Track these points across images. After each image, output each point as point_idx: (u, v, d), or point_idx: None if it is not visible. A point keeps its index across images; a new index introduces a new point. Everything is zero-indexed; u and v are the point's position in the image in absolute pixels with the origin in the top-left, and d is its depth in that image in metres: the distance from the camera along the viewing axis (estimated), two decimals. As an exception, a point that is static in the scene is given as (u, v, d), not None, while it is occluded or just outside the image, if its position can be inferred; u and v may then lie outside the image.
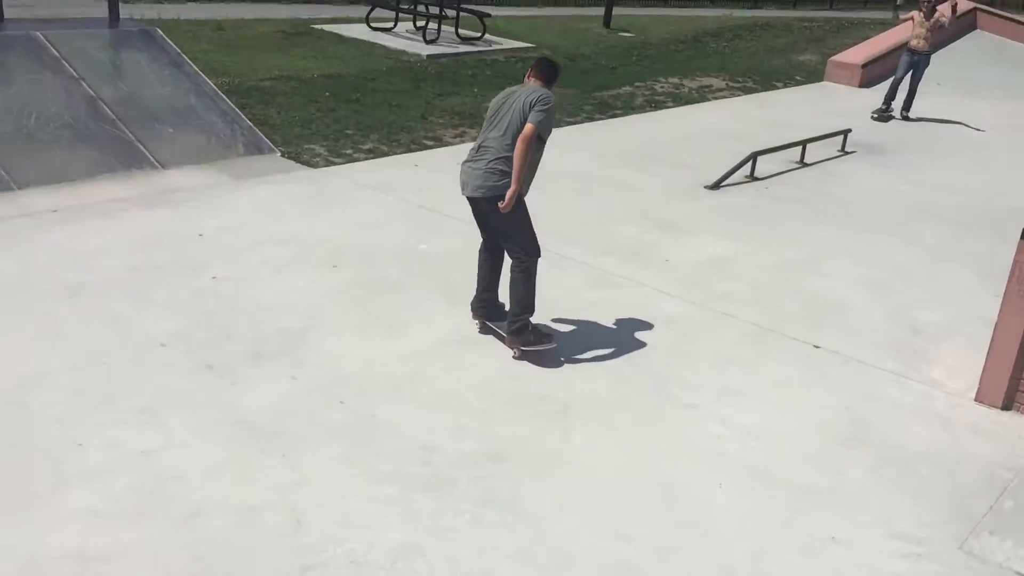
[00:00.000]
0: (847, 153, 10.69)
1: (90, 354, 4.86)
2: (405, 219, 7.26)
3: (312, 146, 8.84)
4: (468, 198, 5.30)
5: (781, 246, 7.53)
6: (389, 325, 5.55)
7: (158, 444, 4.19)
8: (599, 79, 13.69)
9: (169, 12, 14.73)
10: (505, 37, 15.88)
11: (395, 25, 15.24)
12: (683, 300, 6.32)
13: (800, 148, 10.10)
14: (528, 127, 4.97)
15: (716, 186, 8.93)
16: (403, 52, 13.79)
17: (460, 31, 15.23)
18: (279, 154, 8.45)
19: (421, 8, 15.27)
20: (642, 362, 5.45)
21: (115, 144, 7.49)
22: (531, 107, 5.02)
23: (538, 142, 5.09)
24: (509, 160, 5.04)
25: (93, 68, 8.07)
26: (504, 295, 5.47)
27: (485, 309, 5.56)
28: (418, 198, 7.71)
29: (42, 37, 8.03)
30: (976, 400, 5.36)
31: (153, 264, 5.96)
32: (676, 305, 6.24)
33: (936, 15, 12.55)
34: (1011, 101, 14.67)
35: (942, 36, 16.09)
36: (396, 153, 9.01)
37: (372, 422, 4.56)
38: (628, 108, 12.06)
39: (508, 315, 5.34)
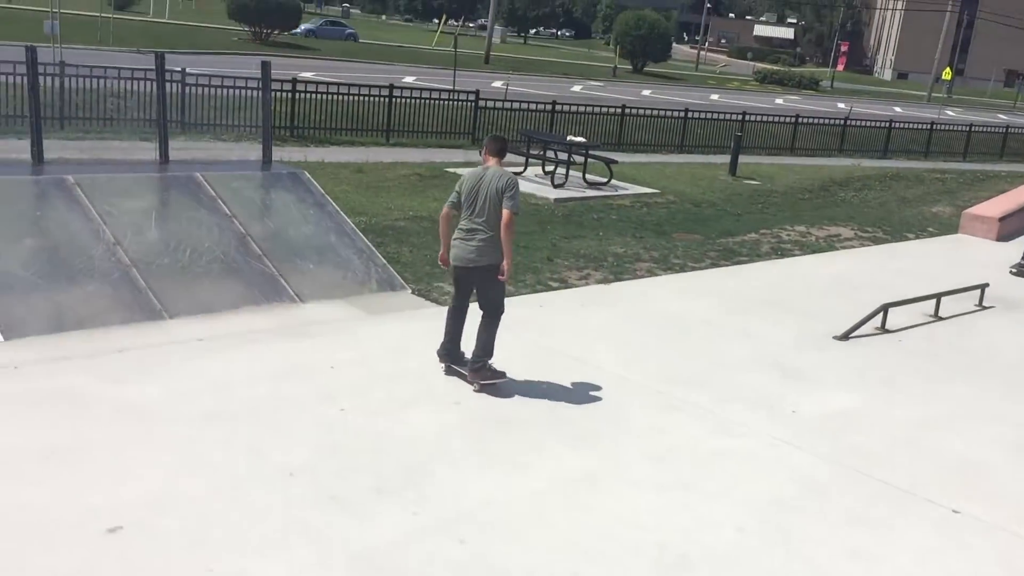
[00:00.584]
0: (985, 308, 10.33)
1: (223, 480, 5.05)
2: (527, 358, 7.36)
3: (441, 284, 9.13)
4: (462, 268, 6.53)
5: (915, 401, 7.26)
6: (511, 463, 5.57)
7: (282, 574, 4.27)
8: (724, 225, 13.77)
9: (315, 155, 15.74)
10: (631, 183, 16.25)
11: (525, 169, 15.82)
12: (811, 454, 6.13)
13: (934, 301, 9.83)
14: (507, 215, 6.29)
15: (845, 337, 8.74)
16: (531, 195, 14.26)
17: (587, 176, 15.68)
18: (410, 291, 8.76)
19: (550, 154, 15.83)
20: (768, 517, 5.27)
21: (260, 278, 7.94)
22: (503, 193, 6.32)
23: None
24: (495, 237, 6.39)
25: (245, 207, 8.66)
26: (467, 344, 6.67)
27: (450, 356, 6.80)
28: (541, 338, 7.83)
29: (201, 178, 8.70)
30: None
31: (287, 394, 6.20)
32: (804, 458, 6.06)
33: None
34: None
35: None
36: (521, 293, 9.21)
37: (491, 562, 4.54)
38: (754, 255, 12.05)
39: (472, 357, 6.59)
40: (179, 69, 16.51)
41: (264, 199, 9.11)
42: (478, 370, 6.59)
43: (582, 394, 6.77)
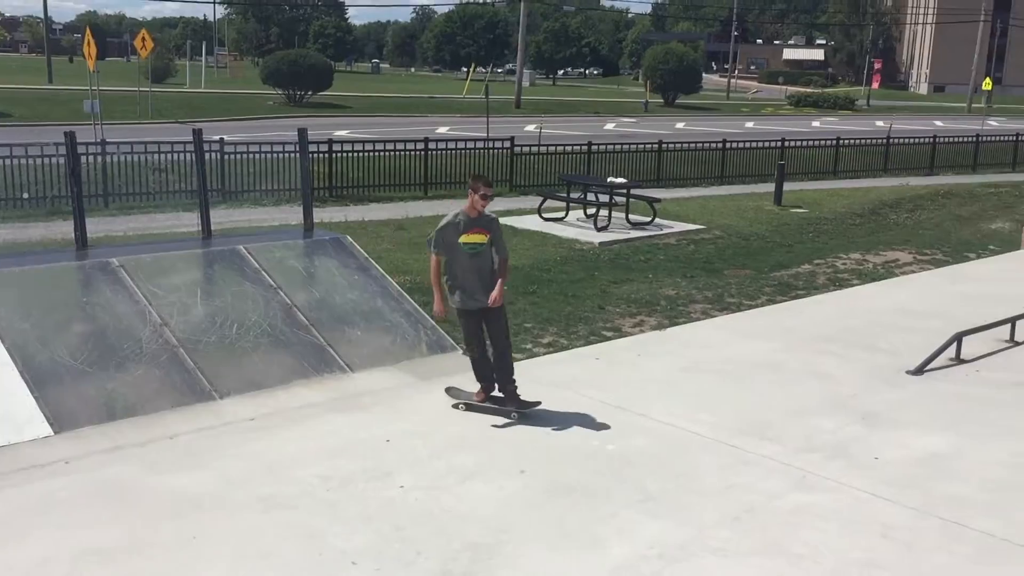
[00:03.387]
0: (1063, 329, 9.84)
1: (282, 573, 4.80)
2: (589, 417, 7.05)
3: (493, 342, 8.89)
4: (480, 309, 6.90)
5: (1005, 439, 6.83)
6: (584, 539, 5.26)
7: None
8: (776, 258, 13.41)
9: (355, 214, 15.68)
10: (676, 220, 15.96)
11: (566, 215, 15.61)
12: (902, 506, 5.74)
13: (1009, 326, 9.37)
14: (502, 260, 7.02)
15: (919, 371, 8.32)
16: (575, 241, 14.03)
17: (630, 217, 15.42)
18: (460, 352, 8.51)
19: (591, 197, 15.62)
20: (864, 582, 4.89)
21: (308, 349, 7.76)
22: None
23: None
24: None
25: (289, 276, 8.51)
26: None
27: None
28: (601, 394, 7.53)
29: (244, 250, 8.58)
30: None
31: (344, 473, 5.96)
32: (894, 512, 5.66)
33: None
34: None
35: None
36: (576, 346, 8.94)
37: (570, 654, 4.23)
38: (810, 288, 11.67)
39: (510, 382, 6.95)
40: (217, 138, 16.63)
41: (308, 267, 8.97)
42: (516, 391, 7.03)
43: (649, 454, 6.45)
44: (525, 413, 6.89)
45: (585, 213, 15.56)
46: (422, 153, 18.43)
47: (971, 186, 22.25)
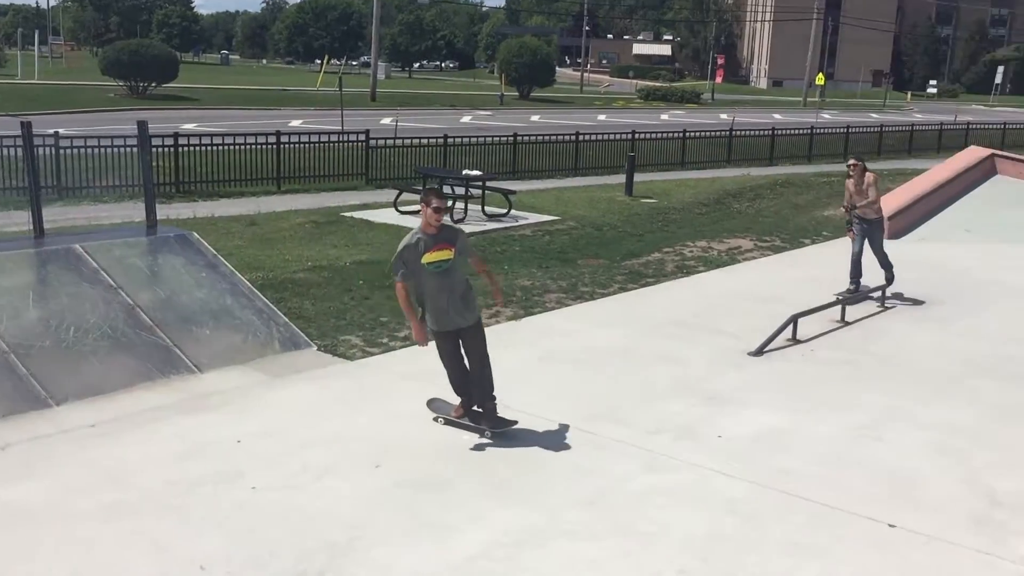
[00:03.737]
0: (887, 308, 10.52)
1: (127, 583, 4.62)
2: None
3: (348, 337, 8.80)
4: (459, 329, 6.46)
5: (836, 413, 7.25)
6: (439, 529, 5.28)
7: None
8: (627, 247, 13.78)
9: (204, 209, 15.17)
10: (531, 211, 16.16)
11: (422, 208, 15.56)
12: (744, 481, 6.01)
13: (840, 307, 9.95)
14: (476, 260, 6.75)
15: (759, 352, 8.74)
16: (432, 234, 13.99)
17: (486, 209, 15.52)
18: (315, 348, 8.40)
19: (447, 189, 15.63)
20: (709, 555, 5.11)
21: (152, 351, 7.47)
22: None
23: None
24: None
25: (131, 276, 8.17)
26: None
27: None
28: (458, 386, 7.56)
29: (81, 249, 8.18)
30: (1076, 578, 4.95)
31: (192, 476, 5.78)
32: (737, 487, 5.93)
33: (867, 179, 10.78)
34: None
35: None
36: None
37: (427, 645, 4.24)
38: (660, 275, 12.05)
39: (489, 399, 6.57)
40: (51, 132, 15.76)
41: (151, 266, 8.62)
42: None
43: (504, 443, 6.52)
44: (499, 433, 6.50)
45: (441, 206, 15.53)
46: (274, 147, 18.01)
47: (806, 176, 23.44)
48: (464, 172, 16.09)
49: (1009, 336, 9.56)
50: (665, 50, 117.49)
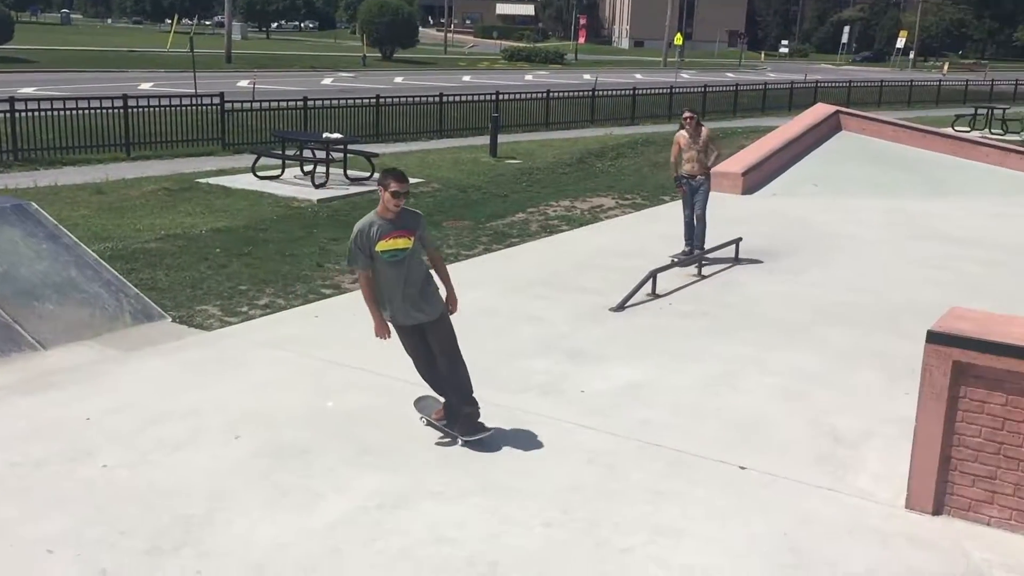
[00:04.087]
0: (741, 262, 10.91)
1: (-34, 573, 4.37)
2: (309, 376, 6.97)
3: (205, 307, 8.52)
4: (421, 324, 5.84)
5: (693, 364, 7.50)
6: (301, 497, 5.20)
7: (48, 674, 3.73)
8: (492, 208, 13.81)
9: (46, 178, 14.37)
10: (394, 174, 15.95)
11: (282, 172, 15.17)
12: (605, 433, 6.16)
13: (697, 262, 10.25)
14: (433, 253, 5.99)
15: (620, 308, 8.93)
16: (293, 199, 13.68)
17: (348, 172, 15.25)
18: (170, 319, 8.10)
19: (307, 153, 15.27)
20: (571, 506, 5.22)
21: (-10, 328, 7.04)
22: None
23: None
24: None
25: (-37, 249, 7.65)
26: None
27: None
28: (321, 352, 7.45)
29: (-95, 222, 7.60)
30: (907, 508, 5.29)
31: (37, 457, 5.50)
32: (598, 439, 6.07)
33: (704, 133, 10.63)
34: (885, 198, 15.37)
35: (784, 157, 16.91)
36: (294, 306, 8.75)
37: (290, 614, 4.18)
38: (524, 235, 12.13)
39: (466, 403, 5.91)
40: None
41: (-14, 238, 8.09)
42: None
43: (370, 408, 6.47)
44: (470, 442, 5.86)
45: (302, 170, 15.19)
46: (121, 111, 17.15)
47: (666, 134, 23.92)
48: (325, 135, 15.73)
49: (852, 285, 10.08)
50: (528, 10, 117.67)
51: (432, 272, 5.88)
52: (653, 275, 9.42)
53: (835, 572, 4.67)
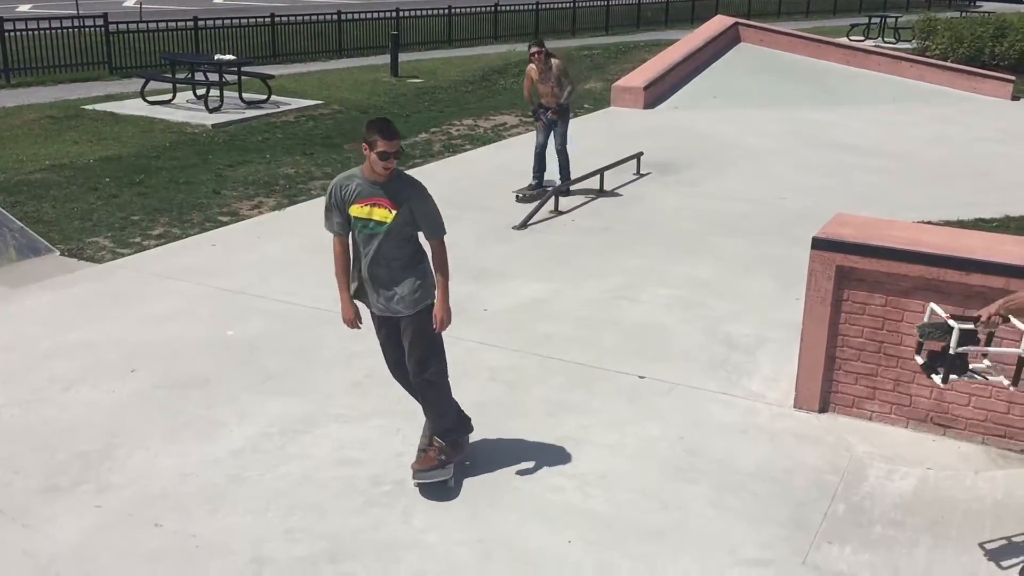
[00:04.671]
0: (642, 175, 11.03)
1: None
2: (208, 306, 6.85)
3: (95, 239, 8.24)
4: (388, 318, 4.62)
5: (594, 279, 7.61)
6: (202, 427, 5.16)
7: (-57, 617, 3.68)
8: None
9: (-83, 109, 13.55)
10: (293, 96, 15.53)
11: (174, 97, 14.59)
12: (507, 350, 6.24)
13: (598, 177, 10.33)
14: (435, 246, 4.59)
15: (523, 226, 8.97)
16: (186, 124, 13.21)
17: (244, 95, 14.76)
18: (58, 253, 7.83)
19: (199, 76, 14.71)
20: (475, 423, 5.29)
21: None
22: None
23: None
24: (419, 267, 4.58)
25: None
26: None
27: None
28: (220, 281, 7.31)
29: None
30: (795, 407, 5.53)
31: (-80, 401, 5.31)
32: (501, 356, 6.16)
33: (554, 65, 9.96)
34: (783, 108, 15.64)
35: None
36: (190, 235, 8.53)
37: (194, 541, 4.19)
38: (427, 155, 12.01)
39: (448, 430, 4.76)
40: None
41: None
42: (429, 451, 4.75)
43: (272, 335, 6.41)
44: (423, 484, 4.62)
45: (195, 94, 14.63)
46: (-5, 34, 16.18)
47: (569, 49, 23.82)
48: (217, 57, 15.15)
49: (748, 196, 10.30)
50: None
51: (428, 260, 4.63)
52: (556, 192, 9.47)
53: (726, 469, 4.88)
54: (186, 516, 4.37)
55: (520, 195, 9.96)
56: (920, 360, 4.09)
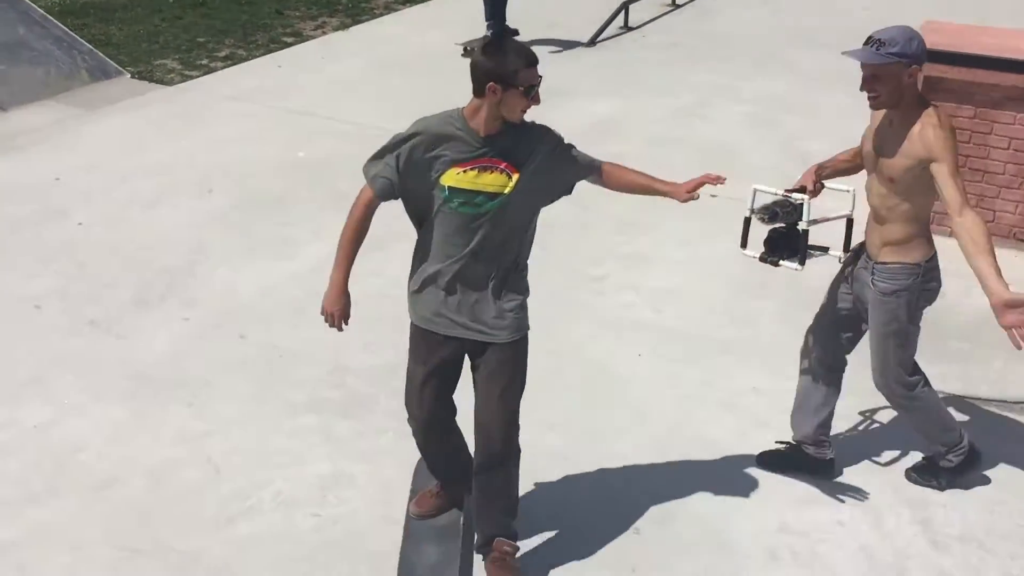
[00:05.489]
0: (717, -13, 10.50)
1: (-41, 331, 4.52)
2: (277, 127, 6.89)
3: (164, 61, 8.24)
4: (465, 341, 3.09)
5: (666, 96, 7.42)
6: (280, 245, 5.29)
7: (52, 415, 3.95)
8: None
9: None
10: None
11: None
12: (576, 169, 6.18)
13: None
14: (607, 166, 3.32)
15: (592, 42, 8.70)
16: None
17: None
18: (129, 75, 7.86)
19: None
20: (544, 241, 5.31)
21: (-57, 93, 6.84)
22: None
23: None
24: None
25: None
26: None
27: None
28: (287, 103, 7.31)
29: None
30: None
31: (10, 219, 5.52)
32: (570, 175, 6.10)
33: None
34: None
35: None
36: (256, 56, 8.47)
37: (277, 352, 4.39)
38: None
39: (499, 529, 3.18)
40: None
41: (-79, -3, 7.68)
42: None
43: (342, 156, 6.40)
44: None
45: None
46: None
47: None
48: None
49: (824, 8, 9.76)
50: None
51: (526, 262, 3.22)
52: (625, 6, 9.10)
53: (795, 287, 4.85)
54: (268, 329, 4.55)
55: (468, 47, 8.16)
56: (753, 254, 3.65)
